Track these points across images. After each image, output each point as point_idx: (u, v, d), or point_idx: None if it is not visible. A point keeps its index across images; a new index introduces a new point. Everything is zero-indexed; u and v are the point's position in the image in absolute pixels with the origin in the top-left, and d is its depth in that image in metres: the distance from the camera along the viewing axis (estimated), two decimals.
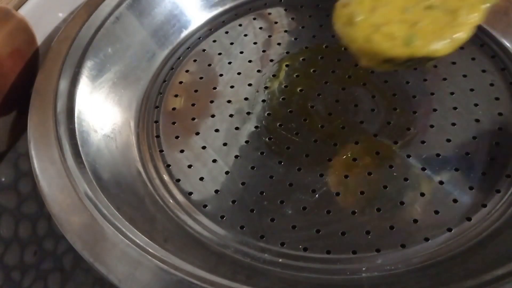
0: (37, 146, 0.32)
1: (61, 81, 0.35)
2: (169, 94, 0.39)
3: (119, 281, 0.27)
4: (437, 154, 0.33)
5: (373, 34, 0.30)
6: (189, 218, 0.33)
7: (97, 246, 0.28)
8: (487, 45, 0.38)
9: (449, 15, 0.29)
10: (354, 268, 0.30)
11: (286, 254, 0.30)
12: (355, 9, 0.31)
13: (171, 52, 0.42)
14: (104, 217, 0.29)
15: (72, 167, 0.31)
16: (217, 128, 0.37)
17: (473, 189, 0.32)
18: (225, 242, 0.31)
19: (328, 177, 0.33)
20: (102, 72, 0.37)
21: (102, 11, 0.38)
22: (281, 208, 0.32)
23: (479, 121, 0.34)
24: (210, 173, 0.35)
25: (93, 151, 0.33)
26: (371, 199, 0.32)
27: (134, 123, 0.38)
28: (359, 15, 0.30)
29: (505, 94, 0.36)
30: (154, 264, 0.27)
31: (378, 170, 0.33)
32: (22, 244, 0.40)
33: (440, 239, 0.30)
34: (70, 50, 0.36)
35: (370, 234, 0.31)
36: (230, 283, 0.26)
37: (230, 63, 0.41)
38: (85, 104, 0.35)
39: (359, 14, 0.30)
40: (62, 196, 0.30)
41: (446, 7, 0.30)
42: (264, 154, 0.35)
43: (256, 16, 0.43)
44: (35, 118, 0.33)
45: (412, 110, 0.36)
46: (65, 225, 0.29)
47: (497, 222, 0.30)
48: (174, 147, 0.36)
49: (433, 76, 0.37)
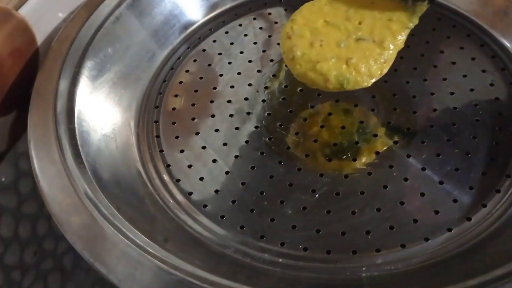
0: (37, 146, 0.32)
1: (61, 81, 0.35)
2: (169, 94, 0.39)
3: (119, 281, 0.27)
4: (437, 154, 0.33)
5: (310, 71, 0.33)
6: (189, 218, 0.33)
7: (97, 246, 0.28)
8: (487, 45, 0.38)
9: (377, 46, 0.33)
10: (354, 268, 0.30)
11: (286, 254, 0.30)
12: (295, 44, 0.33)
13: (171, 52, 0.42)
14: (104, 217, 0.29)
15: (72, 167, 0.31)
16: (217, 128, 0.37)
17: (473, 189, 0.32)
18: (225, 242, 0.31)
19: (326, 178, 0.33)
20: (102, 72, 0.37)
21: (102, 11, 0.38)
22: (281, 208, 0.32)
23: (479, 121, 0.35)
24: (210, 173, 0.35)
25: (93, 151, 0.33)
26: (371, 199, 0.32)
27: (134, 123, 0.38)
28: (298, 51, 0.33)
29: (505, 94, 0.36)
30: (154, 264, 0.27)
31: (378, 170, 0.33)
32: (22, 244, 0.40)
33: (440, 239, 0.30)
34: (70, 50, 0.36)
35: (370, 234, 0.31)
36: (230, 283, 0.26)
37: (230, 63, 0.41)
38: (85, 104, 0.35)
39: (298, 49, 0.33)
40: (62, 196, 0.30)
41: (373, 38, 0.33)
42: (264, 154, 0.35)
43: (256, 16, 0.43)
44: (35, 118, 0.33)
45: (412, 110, 0.36)
46: (65, 225, 0.29)
47: (497, 222, 0.30)
48: (174, 147, 0.36)
49: (433, 76, 0.37)
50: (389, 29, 0.33)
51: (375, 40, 0.33)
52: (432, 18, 0.41)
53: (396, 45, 0.33)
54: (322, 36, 0.34)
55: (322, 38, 0.34)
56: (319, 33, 0.34)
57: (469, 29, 0.40)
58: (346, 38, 0.33)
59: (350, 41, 0.33)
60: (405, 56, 0.39)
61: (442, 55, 0.38)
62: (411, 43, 0.39)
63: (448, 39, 0.39)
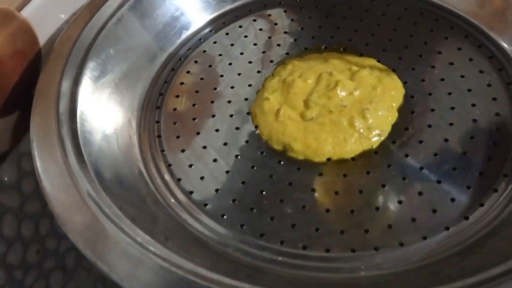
0: (39, 146, 0.32)
1: (64, 81, 0.35)
2: (170, 94, 0.40)
3: (121, 280, 0.27)
4: (435, 154, 0.34)
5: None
6: (190, 217, 0.33)
7: (99, 245, 0.28)
8: (485, 46, 0.39)
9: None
10: (353, 267, 0.30)
11: (285, 253, 0.31)
12: (267, 109, 0.36)
13: (172, 53, 0.42)
14: (106, 216, 0.29)
15: (75, 166, 0.31)
16: (218, 128, 0.37)
17: (470, 188, 0.32)
18: (226, 241, 0.32)
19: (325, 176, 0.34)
20: (104, 73, 0.37)
21: (104, 13, 0.39)
22: (281, 207, 0.33)
23: (477, 121, 0.35)
24: (211, 172, 0.35)
25: (95, 151, 0.34)
26: (369, 198, 0.32)
27: (135, 124, 0.38)
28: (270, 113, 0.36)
29: (502, 95, 0.36)
30: (156, 262, 0.27)
31: (376, 169, 0.33)
32: (24, 243, 0.40)
33: (438, 237, 0.30)
34: (72, 51, 0.36)
35: (368, 233, 0.31)
36: (230, 281, 0.27)
37: (231, 64, 0.41)
38: (87, 105, 0.35)
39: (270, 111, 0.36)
40: (64, 196, 0.30)
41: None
42: (264, 154, 0.35)
43: (256, 17, 0.44)
44: (38, 118, 0.34)
45: (410, 110, 0.36)
46: (67, 224, 0.29)
47: (494, 221, 0.30)
48: (175, 147, 0.37)
49: (431, 76, 0.37)
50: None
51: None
52: (430, 19, 0.41)
53: None
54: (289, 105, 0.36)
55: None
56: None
57: (467, 30, 0.40)
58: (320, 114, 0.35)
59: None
60: (403, 56, 0.39)
61: (440, 55, 0.39)
62: (409, 44, 0.40)
63: (446, 40, 0.40)
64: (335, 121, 0.34)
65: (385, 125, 0.35)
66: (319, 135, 0.34)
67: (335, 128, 0.34)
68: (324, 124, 0.34)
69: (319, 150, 0.34)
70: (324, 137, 0.34)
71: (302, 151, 0.34)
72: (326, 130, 0.34)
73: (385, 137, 0.34)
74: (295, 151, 0.34)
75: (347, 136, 0.34)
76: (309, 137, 0.34)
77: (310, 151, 0.34)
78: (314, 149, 0.34)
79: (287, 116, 0.35)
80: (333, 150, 0.34)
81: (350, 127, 0.34)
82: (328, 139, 0.34)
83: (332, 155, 0.34)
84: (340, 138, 0.34)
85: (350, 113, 0.34)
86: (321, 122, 0.34)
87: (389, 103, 0.35)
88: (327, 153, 0.34)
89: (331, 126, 0.34)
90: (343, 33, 0.41)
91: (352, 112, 0.34)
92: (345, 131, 0.34)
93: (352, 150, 0.34)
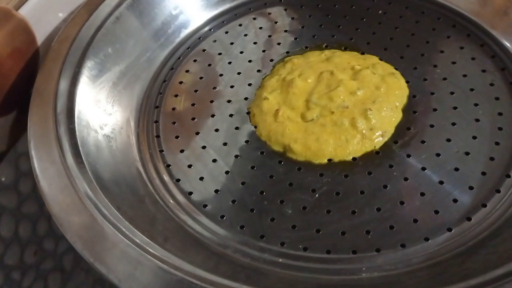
0: (37, 146, 0.32)
1: (61, 81, 0.35)
2: (169, 94, 0.39)
3: (119, 281, 0.27)
4: (437, 154, 0.33)
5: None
6: (189, 218, 0.33)
7: (97, 246, 0.28)
8: (487, 45, 0.38)
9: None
10: (354, 268, 0.30)
11: (286, 254, 0.30)
12: (266, 109, 0.36)
13: (171, 52, 0.42)
14: (104, 217, 0.29)
15: (72, 167, 0.31)
16: (217, 128, 0.37)
17: (473, 189, 0.32)
18: (225, 242, 0.31)
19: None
20: (102, 72, 0.37)
21: (102, 11, 0.38)
22: (281, 207, 0.32)
23: (479, 121, 0.34)
24: (210, 173, 0.35)
25: (93, 151, 0.33)
26: (371, 199, 0.32)
27: (134, 123, 0.38)
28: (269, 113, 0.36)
29: (505, 94, 0.36)
30: (154, 263, 0.27)
31: (378, 170, 0.33)
32: (22, 244, 0.40)
33: (440, 239, 0.30)
34: (70, 50, 0.36)
35: (370, 234, 0.31)
36: (230, 283, 0.26)
37: (230, 63, 0.41)
38: (85, 104, 0.35)
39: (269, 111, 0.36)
40: (62, 196, 0.30)
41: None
42: (264, 154, 0.35)
43: (256, 16, 0.43)
44: (35, 118, 0.33)
45: (412, 109, 0.36)
46: (65, 225, 0.29)
47: (497, 222, 0.30)
48: (174, 147, 0.36)
49: (433, 75, 0.37)
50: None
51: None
52: (432, 18, 0.41)
53: None
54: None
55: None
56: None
57: (469, 29, 0.40)
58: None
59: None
60: (405, 55, 0.39)
61: (442, 54, 0.38)
62: (411, 43, 0.39)
63: (448, 39, 0.39)
64: (336, 122, 0.34)
65: (389, 125, 0.34)
66: (319, 136, 0.34)
67: (336, 129, 0.34)
68: (325, 125, 0.34)
69: (320, 151, 0.33)
70: (325, 138, 0.34)
71: (302, 152, 0.34)
72: (327, 131, 0.34)
73: (388, 137, 0.34)
74: (295, 152, 0.34)
75: (349, 138, 0.33)
76: (310, 138, 0.34)
77: (311, 152, 0.34)
78: (314, 150, 0.33)
79: (286, 116, 0.35)
80: (334, 152, 0.33)
81: (352, 128, 0.34)
82: (329, 140, 0.34)
83: (333, 156, 0.33)
84: (342, 139, 0.33)
85: (352, 114, 0.34)
86: (322, 123, 0.34)
87: (393, 103, 0.35)
88: (328, 155, 0.33)
89: (332, 127, 0.34)
90: (344, 32, 0.41)
91: (355, 112, 0.34)
92: (347, 132, 0.34)
93: (353, 152, 0.33)
